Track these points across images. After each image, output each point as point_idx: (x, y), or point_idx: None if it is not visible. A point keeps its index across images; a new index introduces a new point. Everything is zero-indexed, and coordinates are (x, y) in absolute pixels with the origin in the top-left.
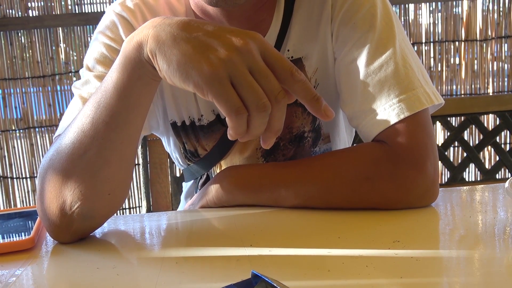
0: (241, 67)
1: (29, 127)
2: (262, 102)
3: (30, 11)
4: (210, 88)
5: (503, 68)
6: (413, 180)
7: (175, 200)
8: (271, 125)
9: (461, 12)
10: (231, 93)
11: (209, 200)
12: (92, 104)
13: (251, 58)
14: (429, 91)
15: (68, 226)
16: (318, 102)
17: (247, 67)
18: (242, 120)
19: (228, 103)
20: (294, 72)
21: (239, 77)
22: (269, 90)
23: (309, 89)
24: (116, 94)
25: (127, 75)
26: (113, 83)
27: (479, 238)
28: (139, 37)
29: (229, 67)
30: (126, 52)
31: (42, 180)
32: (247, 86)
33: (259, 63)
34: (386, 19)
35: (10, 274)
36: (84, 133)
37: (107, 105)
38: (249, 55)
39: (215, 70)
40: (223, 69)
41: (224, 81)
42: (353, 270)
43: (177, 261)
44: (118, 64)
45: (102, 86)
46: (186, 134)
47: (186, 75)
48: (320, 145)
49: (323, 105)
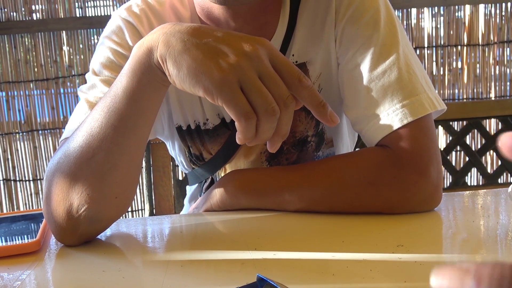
0: (251, 72)
1: (32, 130)
2: (271, 106)
3: (34, 14)
4: (220, 93)
5: (505, 73)
6: (416, 185)
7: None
8: (278, 129)
9: (464, 17)
10: (240, 97)
11: (213, 203)
12: (101, 108)
13: (260, 64)
14: (432, 96)
15: (74, 229)
16: (324, 108)
17: (256, 72)
18: (252, 125)
19: (238, 107)
20: (302, 78)
21: (249, 82)
22: (278, 95)
23: (315, 95)
24: (125, 99)
25: (136, 80)
26: (123, 88)
27: (482, 242)
28: (149, 43)
29: (238, 72)
30: (136, 57)
31: (49, 183)
32: (256, 91)
33: (268, 69)
34: (390, 24)
35: (15, 276)
36: (93, 136)
37: (116, 109)
38: (258, 60)
39: (225, 75)
40: (233, 74)
41: (234, 86)
42: (358, 274)
43: (183, 264)
44: (127, 69)
45: (112, 91)
46: (191, 138)
47: (196, 80)
48: (323, 150)
49: (329, 111)
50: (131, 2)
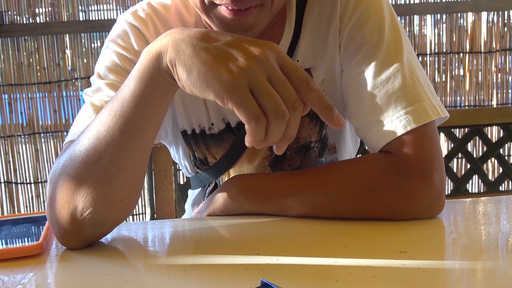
0: (260, 75)
1: (34, 133)
2: (281, 109)
3: (37, 17)
4: (231, 96)
5: (507, 80)
6: (419, 191)
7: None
8: (286, 132)
9: (466, 24)
10: (250, 101)
11: (216, 208)
12: (108, 112)
13: (269, 67)
14: (436, 104)
15: (78, 232)
16: (331, 111)
17: (266, 76)
18: (262, 128)
19: (248, 110)
20: (310, 82)
21: (259, 85)
22: (287, 98)
23: (323, 98)
24: (133, 103)
25: (144, 85)
26: (131, 92)
27: (484, 249)
28: (158, 48)
29: (248, 75)
30: (145, 62)
31: (53, 186)
32: (266, 94)
33: (277, 72)
34: (394, 31)
35: (18, 279)
36: (99, 140)
37: (124, 113)
38: (267, 63)
39: (236, 78)
40: (243, 77)
41: (244, 89)
42: (361, 280)
43: (185, 268)
44: (136, 73)
45: (119, 95)
46: (196, 142)
47: (206, 83)
48: (326, 156)
49: (336, 114)
50: (136, 7)
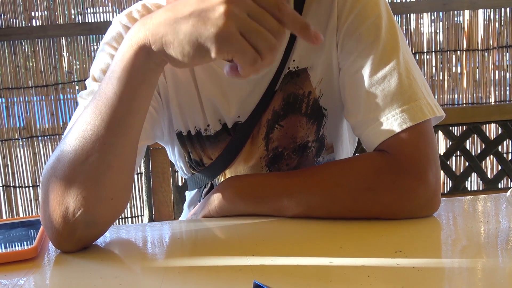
0: (243, 15)
1: (32, 136)
2: (273, 42)
3: (33, 20)
4: (230, 47)
5: (505, 78)
6: (414, 190)
7: (177, 209)
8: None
9: (463, 22)
10: (245, 45)
11: (212, 209)
12: (92, 111)
13: (244, 4)
14: (431, 103)
15: (71, 234)
16: (308, 29)
17: (246, 14)
18: (258, 64)
19: (248, 54)
20: (281, 6)
21: (247, 26)
22: (271, 28)
23: (297, 18)
24: (117, 100)
25: (130, 83)
26: (114, 89)
27: (481, 248)
28: (139, 42)
29: (234, 19)
30: (127, 60)
31: (44, 189)
32: (256, 32)
33: (253, 6)
34: (391, 30)
35: (12, 283)
36: (86, 139)
37: (109, 110)
38: (242, 2)
39: (225, 27)
40: (231, 23)
41: (237, 35)
42: (355, 280)
43: (180, 270)
44: (119, 71)
45: (102, 92)
46: (192, 144)
47: (203, 48)
48: (324, 155)
49: (312, 31)
50: (131, 8)
